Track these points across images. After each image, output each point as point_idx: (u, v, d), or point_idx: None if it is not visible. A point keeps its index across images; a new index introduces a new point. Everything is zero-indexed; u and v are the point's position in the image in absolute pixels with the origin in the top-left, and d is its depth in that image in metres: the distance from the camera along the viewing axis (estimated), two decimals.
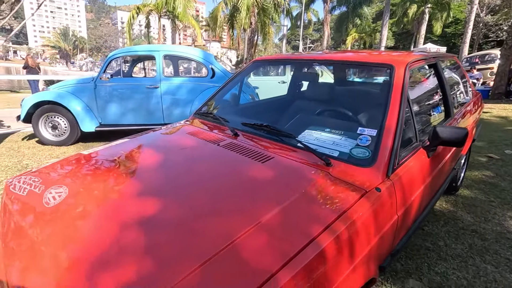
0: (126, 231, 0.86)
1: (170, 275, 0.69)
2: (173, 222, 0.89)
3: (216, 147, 1.37)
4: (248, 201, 0.97)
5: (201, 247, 0.78)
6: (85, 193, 1.08)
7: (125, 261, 0.76)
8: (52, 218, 0.97)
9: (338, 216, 0.90)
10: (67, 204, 1.03)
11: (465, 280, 1.64)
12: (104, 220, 0.92)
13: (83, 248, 0.82)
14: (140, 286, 0.68)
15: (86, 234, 0.87)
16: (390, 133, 1.18)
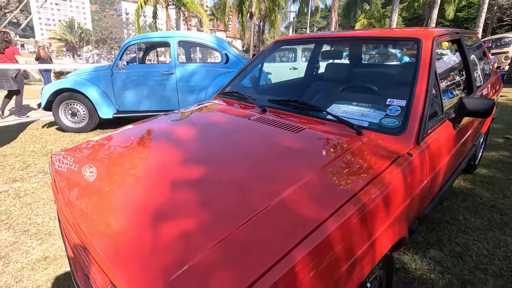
0: (182, 190, 0.93)
1: (225, 226, 0.76)
2: (223, 183, 0.95)
3: (248, 121, 1.43)
4: (289, 165, 1.03)
5: (252, 203, 0.84)
6: (136, 160, 1.16)
7: (183, 214, 0.83)
8: (111, 181, 1.05)
9: (374, 177, 0.96)
10: (121, 169, 1.10)
11: (486, 250, 1.69)
12: (159, 181, 0.99)
13: (147, 201, 0.90)
14: (200, 237, 0.74)
15: (145, 191, 0.95)
16: (420, 103, 1.22)
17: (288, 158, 1.08)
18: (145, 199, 0.91)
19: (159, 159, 1.14)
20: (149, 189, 0.96)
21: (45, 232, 1.90)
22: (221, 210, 0.83)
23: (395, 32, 1.60)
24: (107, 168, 1.15)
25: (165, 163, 1.10)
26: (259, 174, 1.00)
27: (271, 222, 0.78)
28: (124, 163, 1.17)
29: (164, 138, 1.36)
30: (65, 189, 1.08)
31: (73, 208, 0.96)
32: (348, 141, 1.16)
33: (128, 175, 1.07)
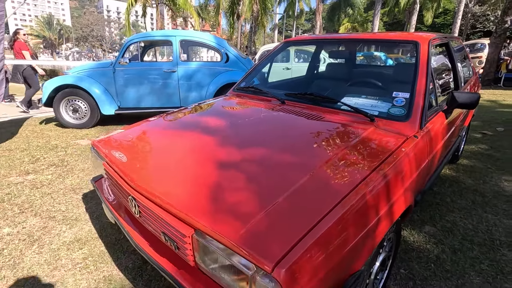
0: (234, 164, 1.11)
1: (274, 193, 0.94)
2: (259, 161, 1.14)
3: (271, 111, 1.62)
4: (319, 146, 1.23)
5: (286, 179, 1.03)
6: (180, 143, 1.32)
7: (240, 181, 1.01)
8: (167, 154, 1.21)
9: (390, 153, 1.17)
10: (172, 146, 1.27)
11: (471, 225, 1.96)
12: (212, 157, 1.16)
13: (205, 169, 1.06)
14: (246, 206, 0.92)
15: (201, 163, 1.12)
16: (421, 95, 1.45)
17: (317, 140, 1.27)
18: (203, 168, 1.08)
19: (207, 138, 1.31)
20: (204, 161, 1.13)
21: (72, 218, 2.00)
22: (268, 182, 1.01)
23: (396, 36, 1.84)
24: (158, 145, 1.31)
25: (212, 141, 1.27)
26: (294, 152, 1.19)
27: (309, 192, 0.96)
28: (173, 143, 1.33)
29: (207, 120, 1.54)
30: (124, 164, 1.23)
31: (142, 178, 1.11)
32: (364, 126, 1.37)
33: (179, 149, 1.24)
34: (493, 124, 4.32)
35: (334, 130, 1.35)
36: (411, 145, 1.26)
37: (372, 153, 1.17)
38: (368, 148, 1.20)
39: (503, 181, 2.56)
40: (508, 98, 6.43)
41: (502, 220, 2.01)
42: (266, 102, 1.81)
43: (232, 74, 4.28)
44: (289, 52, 6.38)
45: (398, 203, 1.15)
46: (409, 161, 1.22)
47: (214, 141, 1.29)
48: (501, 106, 5.59)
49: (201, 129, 1.44)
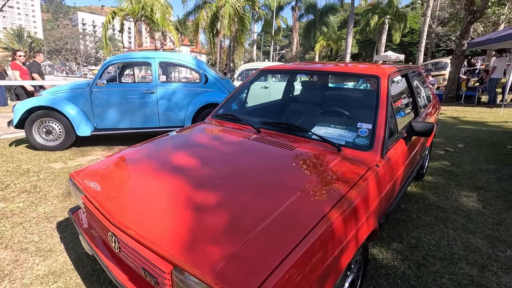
0: (207, 196, 1.18)
1: (246, 228, 1.02)
2: (234, 195, 1.22)
3: (248, 140, 1.72)
4: (289, 176, 1.33)
5: (258, 213, 1.11)
6: (158, 176, 1.38)
7: (214, 214, 1.08)
8: (145, 187, 1.26)
9: (356, 181, 1.30)
10: (148, 179, 1.32)
11: (434, 240, 2.12)
12: (186, 194, 1.23)
13: (182, 204, 1.13)
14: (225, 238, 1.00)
15: (178, 197, 1.17)
16: (382, 126, 1.61)
17: (288, 171, 1.38)
18: (180, 203, 1.14)
19: (184, 171, 1.37)
20: (182, 196, 1.19)
21: (46, 249, 1.95)
22: (243, 215, 1.09)
23: (360, 69, 2.03)
24: (138, 178, 1.36)
25: (189, 173, 1.34)
26: (267, 184, 1.28)
27: (282, 223, 1.05)
28: (152, 175, 1.38)
29: (184, 151, 1.59)
30: (104, 198, 1.26)
31: (122, 214, 1.15)
32: (332, 156, 1.50)
33: (156, 183, 1.29)
34: (454, 140, 4.68)
35: (304, 161, 1.47)
36: (373, 174, 1.39)
37: (337, 183, 1.29)
38: (334, 178, 1.32)
39: (462, 197, 2.79)
40: (468, 114, 6.98)
41: (461, 234, 2.20)
42: (242, 130, 1.91)
43: (211, 95, 4.38)
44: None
45: (362, 229, 1.26)
46: (371, 190, 1.35)
47: (191, 174, 1.35)
48: (462, 123, 6.06)
49: (179, 161, 1.50)
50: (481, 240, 2.13)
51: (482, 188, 2.95)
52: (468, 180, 3.16)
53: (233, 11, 12.87)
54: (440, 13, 27.05)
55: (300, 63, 2.49)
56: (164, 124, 4.32)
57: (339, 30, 34.92)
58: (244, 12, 14.98)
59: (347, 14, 26.44)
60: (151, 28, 14.71)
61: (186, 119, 4.33)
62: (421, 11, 32.47)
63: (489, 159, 3.78)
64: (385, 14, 23.76)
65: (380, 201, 1.43)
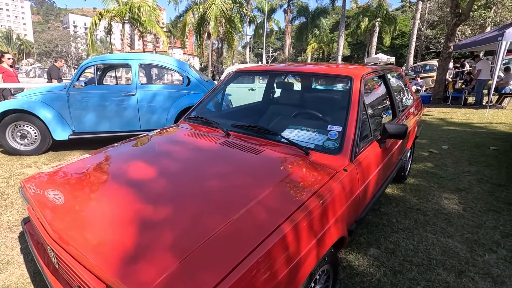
0: (146, 216, 1.09)
1: (181, 248, 0.94)
2: (196, 197, 1.14)
3: (214, 144, 1.64)
4: (252, 182, 1.26)
5: (222, 214, 1.04)
6: (110, 183, 1.29)
7: (160, 227, 1.00)
8: (89, 200, 1.16)
9: (319, 188, 1.23)
10: (96, 190, 1.23)
11: (412, 245, 2.07)
12: (134, 203, 1.14)
13: (124, 217, 1.04)
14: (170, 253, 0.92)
15: (121, 209, 1.09)
16: (352, 129, 1.55)
17: (251, 176, 1.30)
18: (126, 216, 1.06)
19: (135, 182, 1.29)
20: (130, 209, 1.10)
21: (3, 261, 1.84)
22: (189, 228, 1.01)
23: (333, 70, 1.97)
24: (88, 188, 1.26)
25: (138, 185, 1.25)
26: (223, 193, 1.20)
27: (229, 237, 0.97)
28: (96, 185, 1.29)
29: (140, 160, 1.50)
30: (47, 210, 1.17)
31: (63, 227, 1.05)
32: (298, 160, 1.43)
33: (103, 195, 1.20)
34: (439, 142, 4.68)
35: (267, 166, 1.39)
36: (339, 179, 1.33)
37: (298, 190, 1.22)
38: (296, 185, 1.25)
39: (443, 199, 2.75)
40: (455, 116, 7.02)
41: (440, 238, 2.15)
42: (212, 134, 1.83)
43: (193, 97, 4.29)
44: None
45: (326, 238, 1.19)
46: (337, 196, 1.28)
47: (143, 185, 1.26)
48: (448, 124, 6.08)
49: (134, 171, 1.40)
50: (460, 244, 2.08)
51: (463, 190, 2.92)
52: (450, 182, 3.13)
53: (219, 12, 12.80)
54: (429, 16, 27.48)
55: (276, 64, 2.43)
56: (145, 127, 4.21)
57: (331, 32, 35.19)
58: (232, 13, 14.94)
59: (339, 17, 26.68)
60: (140, 31, 14.55)
61: (168, 121, 4.23)
62: (411, 14, 32.97)
63: (472, 160, 3.77)
64: (375, 17, 24.04)
65: (348, 207, 1.37)
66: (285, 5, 28.64)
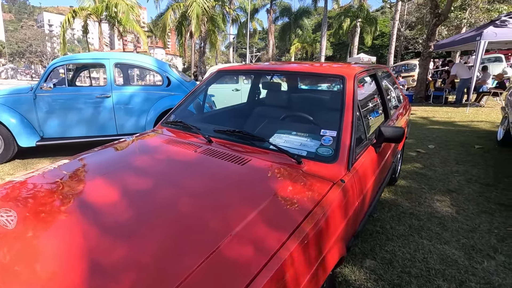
0: (127, 228, 0.89)
1: (184, 266, 0.76)
2: (174, 220, 0.95)
3: (194, 153, 1.44)
4: (238, 199, 1.08)
5: (204, 241, 0.86)
6: (68, 202, 1.07)
7: (130, 258, 0.80)
8: (39, 226, 0.94)
9: (315, 205, 1.06)
10: (51, 212, 1.01)
11: (409, 254, 1.96)
12: (95, 225, 0.93)
13: (77, 247, 0.83)
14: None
15: (74, 236, 0.88)
16: (347, 133, 1.40)
17: (236, 192, 1.12)
18: (74, 244, 0.85)
19: (99, 200, 1.08)
20: (78, 234, 0.90)
21: None
22: (173, 248, 0.82)
23: (324, 69, 1.82)
24: (33, 211, 1.04)
25: (100, 209, 1.04)
26: (208, 210, 1.02)
27: (224, 260, 0.81)
28: (54, 205, 1.07)
29: (106, 175, 1.28)
30: None
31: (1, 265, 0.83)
32: (290, 171, 1.26)
33: (57, 219, 0.99)
34: (425, 141, 4.67)
35: (255, 180, 1.22)
36: (337, 192, 1.17)
37: (293, 208, 1.05)
38: (290, 202, 1.08)
39: (435, 201, 2.67)
40: (437, 114, 7.12)
41: (436, 245, 2.05)
42: (192, 141, 1.63)
43: (174, 98, 4.05)
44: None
45: (327, 260, 1.03)
46: (336, 212, 1.13)
47: (105, 209, 1.05)
48: (432, 123, 6.14)
49: (95, 190, 1.18)
50: (457, 251, 1.99)
51: (454, 191, 2.87)
52: (440, 183, 3.07)
53: (201, 11, 12.46)
54: (407, 17, 28.26)
55: (261, 63, 2.26)
56: (122, 132, 3.94)
57: (314, 32, 35.54)
58: (215, 12, 14.63)
59: (321, 17, 26.89)
60: (119, 30, 13.96)
61: (147, 125, 3.97)
62: (390, 15, 33.78)
63: (459, 160, 3.75)
64: (357, 17, 24.42)
65: (347, 222, 1.21)
66: (268, 5, 28.63)
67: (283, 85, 2.19)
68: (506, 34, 6.91)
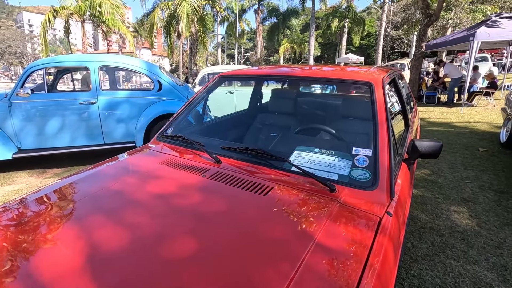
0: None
1: None
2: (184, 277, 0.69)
3: (202, 179, 1.19)
4: (266, 248, 0.83)
5: None
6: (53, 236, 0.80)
7: None
8: None
9: (367, 253, 0.83)
10: None
11: (438, 278, 1.76)
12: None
13: None
14: None
15: None
16: (385, 152, 1.18)
17: (264, 235, 0.88)
18: None
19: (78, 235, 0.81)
20: None
21: None
22: None
23: (346, 74, 1.59)
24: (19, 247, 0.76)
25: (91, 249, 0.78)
26: (229, 263, 0.77)
27: None
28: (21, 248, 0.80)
29: (90, 211, 1.00)
30: None
31: None
32: (325, 202, 1.02)
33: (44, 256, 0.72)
34: None
35: (285, 214, 0.97)
36: (386, 230, 0.94)
37: (343, 253, 0.82)
38: (335, 247, 0.84)
39: (453, 213, 2.50)
40: (433, 115, 7.07)
41: (465, 266, 1.86)
42: (197, 161, 1.37)
43: (166, 103, 3.77)
44: None
45: None
46: (389, 256, 0.90)
47: (87, 259, 0.79)
48: (429, 124, 6.05)
49: (74, 231, 0.92)
50: (489, 273, 1.80)
51: (469, 201, 2.71)
52: (453, 191, 2.92)
53: (191, 10, 12.06)
54: (393, 18, 28.64)
55: (267, 66, 2.02)
56: (110, 141, 3.62)
57: (302, 33, 35.62)
58: (205, 12, 14.26)
59: (309, 17, 26.88)
60: (103, 30, 13.38)
61: (137, 132, 3.67)
62: (376, 15, 34.22)
63: (467, 164, 3.62)
64: (345, 17, 24.53)
65: (397, 262, 0.99)
66: (255, 6, 28.41)
67: (297, 93, 1.95)
68: (498, 34, 6.93)
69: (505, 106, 4.56)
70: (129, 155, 1.52)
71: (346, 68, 1.74)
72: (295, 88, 2.01)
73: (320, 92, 2.47)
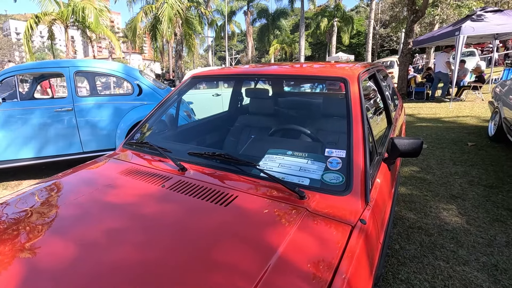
0: None
1: None
2: None
3: (161, 190, 1.08)
4: (216, 266, 0.73)
5: None
6: None
7: None
8: None
9: (336, 264, 0.73)
10: None
11: (427, 282, 1.67)
12: None
13: None
14: None
15: None
16: (360, 152, 1.09)
17: (219, 251, 0.77)
18: None
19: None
20: None
21: None
22: None
23: (319, 71, 1.50)
24: None
25: None
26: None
27: None
28: None
29: (35, 228, 0.88)
30: None
31: None
32: (292, 211, 0.92)
33: None
34: None
35: (248, 227, 0.87)
36: (360, 237, 0.85)
37: (306, 270, 0.72)
38: (299, 262, 0.74)
39: (441, 210, 2.43)
40: (422, 111, 7.05)
41: (455, 267, 1.78)
42: (160, 169, 1.27)
43: (147, 108, 3.64)
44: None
45: None
46: (362, 266, 0.80)
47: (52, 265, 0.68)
48: (418, 120, 6.02)
49: (40, 238, 0.81)
50: (480, 274, 1.73)
51: (458, 197, 2.64)
52: (441, 187, 2.85)
53: (174, 12, 11.88)
54: (381, 16, 28.88)
55: (241, 66, 1.92)
56: (89, 149, 3.47)
57: (292, 33, 35.65)
58: (191, 14, 14.10)
59: (298, 18, 26.92)
60: (88, 36, 13.12)
61: (118, 139, 3.53)
62: (365, 14, 34.49)
63: (455, 160, 3.57)
64: (334, 17, 24.65)
65: (374, 269, 0.89)
66: (245, 7, 28.38)
67: (270, 91, 1.86)
68: (483, 28, 6.95)
69: (493, 99, 4.54)
70: (88, 166, 1.40)
71: (321, 64, 1.65)
72: (269, 87, 1.92)
73: (296, 91, 2.37)
